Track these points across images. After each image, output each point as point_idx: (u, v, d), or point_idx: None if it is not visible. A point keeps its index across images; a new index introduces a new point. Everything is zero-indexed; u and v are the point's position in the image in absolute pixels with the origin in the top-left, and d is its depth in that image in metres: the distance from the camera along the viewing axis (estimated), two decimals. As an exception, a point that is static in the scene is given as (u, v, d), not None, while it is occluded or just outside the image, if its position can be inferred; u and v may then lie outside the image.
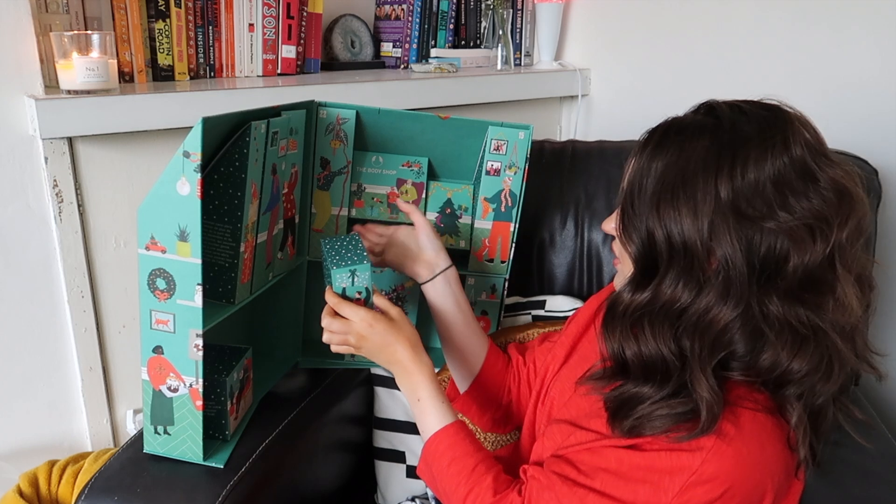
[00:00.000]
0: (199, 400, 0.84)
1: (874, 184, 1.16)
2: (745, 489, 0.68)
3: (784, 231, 0.66)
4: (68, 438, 1.30)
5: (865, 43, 1.38)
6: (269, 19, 1.40)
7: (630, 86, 1.78)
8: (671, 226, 0.69)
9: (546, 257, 1.30)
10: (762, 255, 0.67)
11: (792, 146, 0.68)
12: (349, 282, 0.87)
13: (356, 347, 0.88)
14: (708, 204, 0.67)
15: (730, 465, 0.67)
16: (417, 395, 0.86)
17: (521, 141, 1.09)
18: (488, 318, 1.18)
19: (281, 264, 1.03)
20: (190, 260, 0.78)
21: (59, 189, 1.17)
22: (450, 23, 1.75)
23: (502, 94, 1.68)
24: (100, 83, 1.13)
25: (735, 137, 0.69)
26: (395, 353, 0.87)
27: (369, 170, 1.12)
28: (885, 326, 1.43)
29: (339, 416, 1.13)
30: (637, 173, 0.73)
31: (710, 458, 0.67)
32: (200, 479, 0.86)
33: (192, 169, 0.75)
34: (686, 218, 0.68)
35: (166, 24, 1.28)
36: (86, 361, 1.26)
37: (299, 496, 1.02)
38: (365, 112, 1.07)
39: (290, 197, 1.03)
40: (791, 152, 0.68)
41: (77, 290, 1.22)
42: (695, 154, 0.69)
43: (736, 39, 1.56)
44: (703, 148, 0.69)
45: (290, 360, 1.13)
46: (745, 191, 0.67)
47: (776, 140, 0.68)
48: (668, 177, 0.70)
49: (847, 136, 1.38)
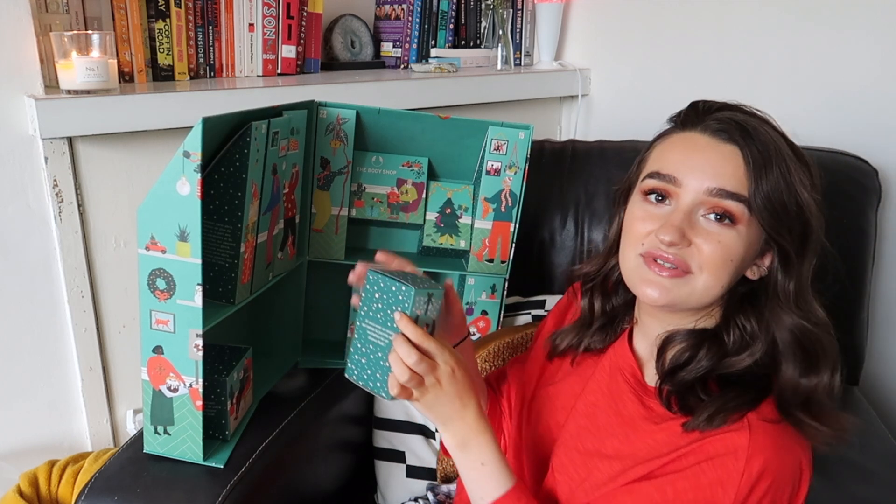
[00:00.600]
0: (199, 400, 0.84)
1: (874, 184, 1.17)
2: (790, 472, 0.67)
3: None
4: (68, 438, 1.30)
5: (866, 43, 1.38)
6: (269, 19, 1.40)
7: (630, 86, 1.78)
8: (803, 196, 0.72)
9: (546, 257, 1.30)
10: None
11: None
12: (424, 308, 0.73)
13: (422, 393, 0.73)
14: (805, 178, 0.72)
15: (771, 454, 0.66)
16: (481, 459, 0.74)
17: (521, 141, 1.09)
18: (488, 318, 1.18)
19: (281, 264, 1.03)
20: (190, 260, 0.78)
21: (59, 189, 1.17)
22: (450, 23, 1.75)
23: (502, 94, 1.68)
24: (100, 83, 1.13)
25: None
26: (464, 410, 0.74)
27: (369, 170, 1.12)
28: (886, 326, 1.43)
29: (339, 416, 1.13)
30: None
31: (753, 453, 0.66)
32: (200, 479, 0.86)
33: (193, 169, 0.75)
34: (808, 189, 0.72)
35: (166, 24, 1.28)
36: (86, 361, 1.26)
37: (299, 496, 1.02)
38: (365, 112, 1.07)
39: (290, 197, 1.03)
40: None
41: (77, 290, 1.22)
42: (772, 138, 0.72)
43: (736, 39, 1.56)
44: (779, 139, 0.73)
45: (290, 360, 1.13)
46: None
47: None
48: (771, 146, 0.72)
49: (847, 136, 1.39)
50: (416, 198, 1.15)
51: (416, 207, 1.15)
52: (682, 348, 0.75)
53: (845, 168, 1.17)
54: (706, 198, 0.71)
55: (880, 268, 1.39)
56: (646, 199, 0.75)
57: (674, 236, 0.70)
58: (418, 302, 0.72)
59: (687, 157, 0.73)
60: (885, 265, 1.39)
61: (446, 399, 0.73)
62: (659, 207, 0.74)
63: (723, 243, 0.70)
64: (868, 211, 1.15)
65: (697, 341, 0.75)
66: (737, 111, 0.74)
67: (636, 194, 0.77)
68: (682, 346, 0.75)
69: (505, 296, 1.17)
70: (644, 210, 0.75)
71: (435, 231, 1.16)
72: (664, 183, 0.73)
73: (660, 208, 0.74)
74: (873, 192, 1.16)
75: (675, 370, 0.74)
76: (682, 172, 0.72)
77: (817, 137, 1.30)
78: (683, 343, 0.76)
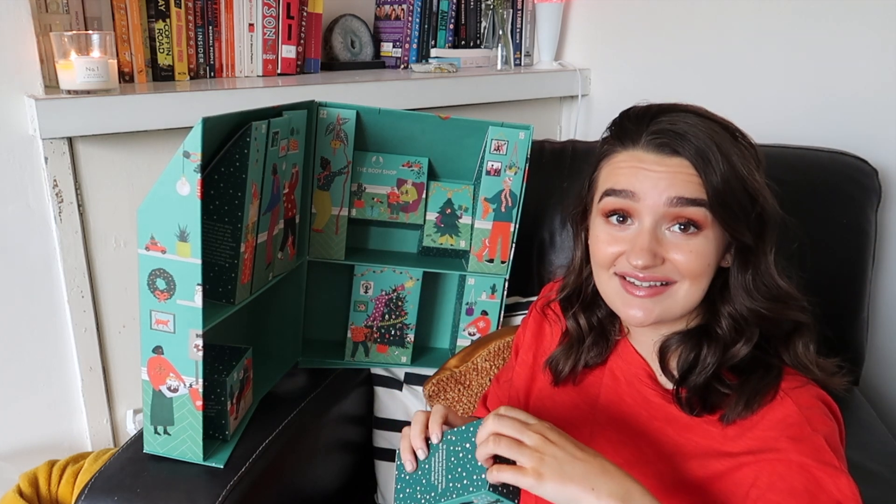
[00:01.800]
0: (199, 400, 0.84)
1: (874, 184, 1.17)
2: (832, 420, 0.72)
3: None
4: (68, 438, 1.30)
5: (866, 43, 1.38)
6: (269, 19, 1.40)
7: (630, 86, 1.78)
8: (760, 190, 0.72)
9: (546, 257, 1.30)
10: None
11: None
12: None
13: (538, 459, 0.62)
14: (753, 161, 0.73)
15: (815, 406, 0.71)
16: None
17: (521, 141, 1.09)
18: (488, 319, 1.18)
19: (281, 264, 1.03)
20: (190, 260, 0.78)
21: (59, 189, 1.17)
22: (450, 23, 1.75)
23: (502, 94, 1.68)
24: (100, 83, 1.13)
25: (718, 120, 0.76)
26: (595, 458, 0.63)
27: (369, 170, 1.12)
28: (886, 326, 1.43)
29: (339, 416, 1.13)
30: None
31: (808, 416, 0.70)
32: (200, 479, 0.86)
33: (192, 169, 0.75)
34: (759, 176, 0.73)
35: (166, 24, 1.28)
36: (86, 361, 1.26)
37: (299, 496, 1.02)
38: (365, 112, 1.07)
39: (290, 197, 1.03)
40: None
41: (77, 290, 1.22)
42: (708, 132, 0.72)
43: (736, 39, 1.56)
44: (715, 128, 0.73)
45: (290, 360, 1.14)
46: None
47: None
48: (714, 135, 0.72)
49: (847, 136, 1.39)
50: (416, 198, 1.15)
51: (416, 207, 1.15)
52: (684, 352, 0.76)
53: (845, 168, 1.17)
54: (667, 209, 0.70)
55: (880, 268, 1.39)
56: (608, 222, 0.75)
57: (646, 259, 0.70)
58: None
59: (638, 173, 0.72)
60: (885, 265, 1.39)
61: (568, 452, 0.62)
62: (622, 229, 0.74)
63: (695, 251, 0.71)
64: (868, 211, 1.15)
65: (696, 342, 0.75)
66: (666, 115, 0.73)
67: (596, 216, 0.77)
68: (683, 349, 0.76)
69: (505, 296, 1.17)
70: (608, 233, 0.75)
71: (435, 231, 1.16)
72: (623, 199, 0.73)
73: (623, 230, 0.74)
74: (873, 192, 1.16)
75: (686, 374, 0.75)
76: (637, 187, 0.72)
77: (817, 137, 1.31)
78: (682, 346, 0.76)
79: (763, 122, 0.92)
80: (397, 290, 1.15)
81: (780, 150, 1.18)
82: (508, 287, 1.17)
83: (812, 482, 0.65)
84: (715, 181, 0.69)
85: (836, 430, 0.70)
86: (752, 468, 0.69)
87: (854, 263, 1.14)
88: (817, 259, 0.93)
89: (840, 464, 0.66)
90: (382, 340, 1.18)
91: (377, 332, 1.17)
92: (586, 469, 0.61)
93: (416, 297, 1.16)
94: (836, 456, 0.67)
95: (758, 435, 0.70)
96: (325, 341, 1.21)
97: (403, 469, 0.71)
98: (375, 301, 1.15)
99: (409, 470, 0.70)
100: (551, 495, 0.61)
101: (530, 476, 0.61)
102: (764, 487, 0.67)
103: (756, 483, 0.68)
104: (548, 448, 0.62)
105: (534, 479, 0.61)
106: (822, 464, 0.66)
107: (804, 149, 1.21)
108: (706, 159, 0.69)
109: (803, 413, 0.69)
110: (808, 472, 0.66)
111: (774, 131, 1.40)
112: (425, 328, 1.25)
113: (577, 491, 0.60)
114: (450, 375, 1.13)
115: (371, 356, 1.18)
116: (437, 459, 0.68)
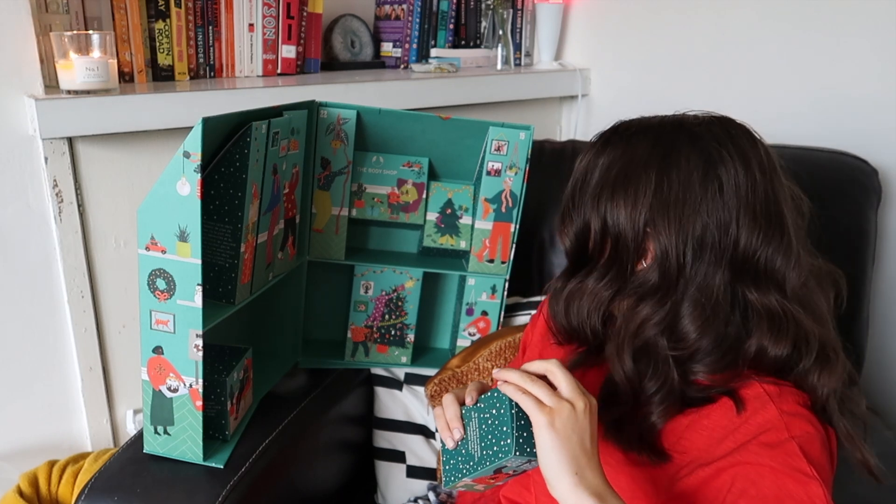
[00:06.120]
0: (199, 400, 0.84)
1: (874, 184, 1.17)
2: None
3: (726, 214, 0.71)
4: (68, 438, 1.30)
5: (866, 43, 1.38)
6: (269, 19, 1.40)
7: (630, 86, 1.78)
8: (607, 216, 0.73)
9: (546, 257, 1.30)
10: (706, 241, 0.71)
11: (739, 140, 0.75)
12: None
13: (556, 413, 0.63)
14: (647, 196, 0.71)
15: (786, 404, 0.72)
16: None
17: (521, 141, 1.09)
18: (488, 319, 1.18)
19: (281, 264, 1.03)
20: (190, 260, 0.78)
21: (59, 189, 1.17)
22: (450, 23, 1.75)
23: (502, 94, 1.68)
24: (100, 83, 1.13)
25: (678, 135, 0.74)
26: (596, 457, 0.66)
27: (370, 170, 1.12)
28: (886, 326, 1.43)
29: (339, 416, 1.13)
30: (582, 170, 0.77)
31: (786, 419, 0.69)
32: (200, 479, 0.86)
33: (193, 169, 0.75)
34: (623, 209, 0.72)
35: (166, 24, 1.28)
36: (86, 361, 1.26)
37: (299, 496, 1.02)
38: (366, 112, 1.06)
39: (291, 197, 1.03)
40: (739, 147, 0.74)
41: (77, 290, 1.22)
42: (638, 150, 0.74)
43: (736, 39, 1.56)
44: (647, 144, 0.74)
45: (290, 360, 1.13)
46: (683, 180, 0.71)
47: (719, 133, 0.74)
48: (612, 171, 0.74)
49: (847, 136, 1.39)
50: (416, 198, 1.15)
51: (416, 208, 1.15)
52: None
53: (845, 168, 1.17)
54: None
55: (880, 268, 1.39)
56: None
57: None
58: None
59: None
60: (885, 265, 1.39)
61: (584, 430, 0.64)
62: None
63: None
64: (868, 211, 1.15)
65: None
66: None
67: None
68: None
69: (505, 296, 1.17)
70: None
71: (435, 231, 1.16)
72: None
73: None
74: (873, 192, 1.16)
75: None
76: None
77: (818, 137, 1.31)
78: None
79: (763, 121, 0.92)
80: (397, 290, 1.16)
81: (779, 149, 1.17)
82: (509, 287, 1.17)
83: (782, 489, 0.66)
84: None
85: (815, 436, 0.70)
86: (728, 473, 0.69)
87: (854, 263, 1.14)
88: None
89: (812, 470, 0.66)
90: (382, 340, 1.18)
91: (377, 333, 1.17)
92: (586, 457, 0.64)
93: (417, 298, 1.16)
94: (811, 462, 0.67)
95: (738, 439, 0.70)
96: (325, 341, 1.21)
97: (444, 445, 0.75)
98: (375, 301, 1.15)
99: (451, 447, 0.73)
100: (546, 451, 0.63)
101: (545, 414, 0.63)
102: (737, 494, 0.67)
103: (731, 489, 0.68)
104: (572, 412, 0.64)
105: (547, 419, 0.62)
106: (793, 470, 0.66)
107: (804, 149, 1.21)
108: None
109: (783, 419, 0.70)
110: (779, 478, 0.66)
111: (774, 131, 1.40)
112: (425, 328, 1.25)
113: (566, 463, 0.62)
114: (451, 375, 1.13)
115: (371, 356, 1.18)
116: (472, 428, 0.71)
